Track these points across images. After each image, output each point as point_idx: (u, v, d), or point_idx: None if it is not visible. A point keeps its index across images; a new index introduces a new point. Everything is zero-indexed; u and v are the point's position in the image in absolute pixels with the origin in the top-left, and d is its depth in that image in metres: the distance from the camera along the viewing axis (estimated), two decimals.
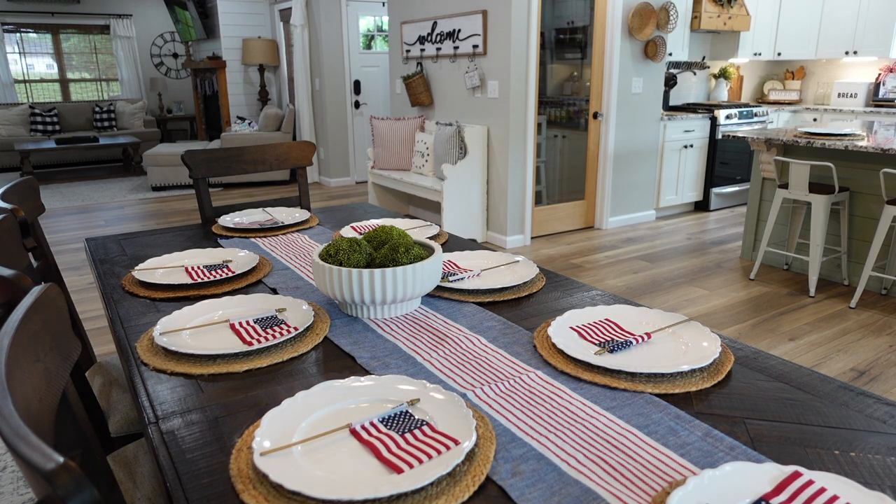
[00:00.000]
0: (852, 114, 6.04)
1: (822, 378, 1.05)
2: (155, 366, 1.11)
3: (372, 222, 2.07)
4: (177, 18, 9.53)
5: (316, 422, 0.92)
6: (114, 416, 1.50)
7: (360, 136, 7.59)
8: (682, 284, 4.02)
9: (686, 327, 1.21)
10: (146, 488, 1.21)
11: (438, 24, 5.12)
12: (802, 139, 3.73)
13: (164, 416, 0.96)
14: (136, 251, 1.86)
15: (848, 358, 3.00)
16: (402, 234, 1.42)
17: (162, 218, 5.88)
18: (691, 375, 1.05)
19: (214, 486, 0.79)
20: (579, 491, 0.77)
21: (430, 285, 1.33)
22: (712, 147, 5.87)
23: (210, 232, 2.09)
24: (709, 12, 5.63)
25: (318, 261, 1.31)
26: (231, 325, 1.25)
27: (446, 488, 0.77)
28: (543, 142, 5.13)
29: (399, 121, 5.37)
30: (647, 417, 0.93)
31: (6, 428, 0.60)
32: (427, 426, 0.89)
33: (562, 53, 5.16)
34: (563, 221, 5.31)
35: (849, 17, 5.97)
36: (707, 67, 6.53)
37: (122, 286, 1.53)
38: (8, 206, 1.52)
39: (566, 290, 1.49)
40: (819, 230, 3.65)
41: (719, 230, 5.36)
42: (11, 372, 0.71)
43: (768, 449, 0.86)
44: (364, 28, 7.43)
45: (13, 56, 9.33)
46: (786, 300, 3.73)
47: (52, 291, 0.95)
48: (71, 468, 0.55)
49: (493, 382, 1.04)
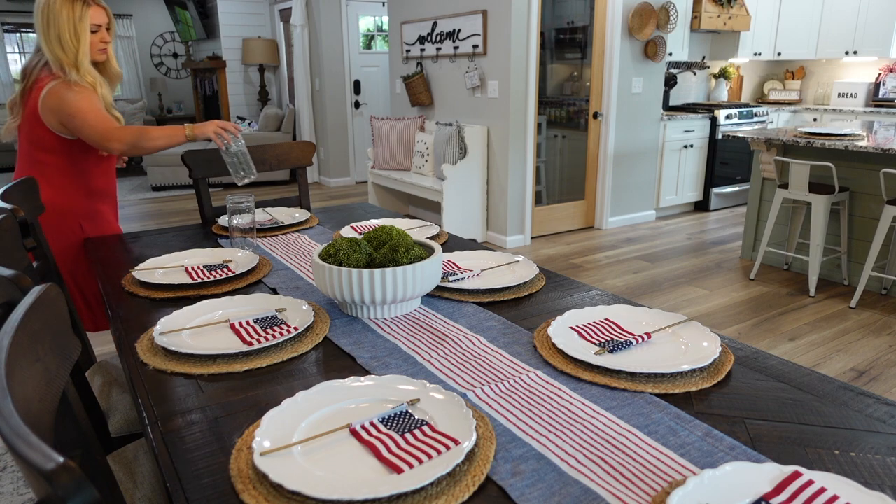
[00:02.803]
0: (852, 114, 6.04)
1: (822, 378, 1.05)
2: (155, 366, 1.11)
3: (372, 222, 2.07)
4: (177, 18, 9.53)
5: (316, 422, 0.92)
6: (114, 416, 1.50)
7: (360, 136, 7.58)
8: (682, 284, 4.02)
9: (686, 327, 1.21)
10: (146, 488, 1.21)
11: (438, 24, 5.12)
12: (802, 139, 3.73)
13: (164, 416, 0.96)
14: (136, 251, 1.86)
15: (848, 358, 3.00)
16: (402, 234, 1.42)
17: (162, 218, 5.88)
18: (691, 375, 1.05)
19: (214, 486, 0.79)
20: (579, 491, 0.77)
21: (430, 285, 1.33)
22: (712, 147, 5.87)
23: (210, 232, 2.09)
24: (709, 12, 5.63)
25: (318, 261, 1.31)
26: (231, 325, 1.25)
27: (446, 488, 0.77)
28: (543, 142, 5.13)
29: (399, 121, 5.37)
30: (647, 417, 0.93)
31: (6, 428, 0.60)
32: (427, 426, 0.89)
33: (562, 53, 5.16)
34: (563, 221, 5.31)
35: (849, 17, 5.97)
36: (707, 67, 6.53)
37: (122, 286, 1.53)
38: (8, 206, 1.52)
39: (566, 290, 1.49)
40: (819, 230, 3.65)
41: (719, 230, 5.36)
42: (11, 372, 0.71)
43: (768, 449, 0.86)
44: (364, 28, 7.43)
45: (13, 56, 9.33)
46: (786, 300, 3.73)
47: (52, 291, 0.95)
48: (71, 468, 0.55)
49: (493, 382, 1.04)
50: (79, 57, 1.95)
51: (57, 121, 1.96)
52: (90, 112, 1.94)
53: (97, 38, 2.02)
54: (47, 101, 1.94)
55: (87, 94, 1.96)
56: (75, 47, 1.94)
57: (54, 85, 1.94)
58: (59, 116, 1.95)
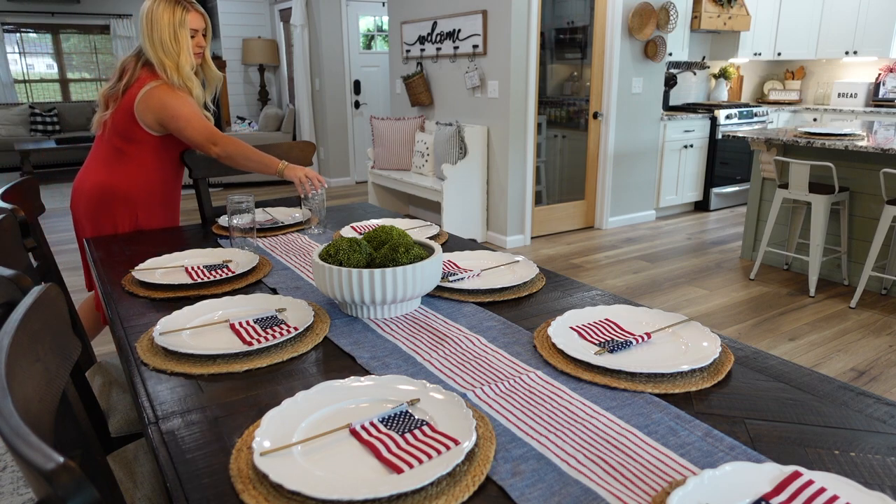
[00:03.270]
0: (852, 114, 6.04)
1: (822, 378, 1.05)
2: (155, 366, 1.11)
3: (372, 222, 2.07)
4: None
5: (316, 422, 0.92)
6: (114, 416, 1.50)
7: (360, 136, 7.58)
8: (682, 284, 4.02)
9: (686, 327, 1.21)
10: (146, 488, 1.21)
11: (438, 24, 5.12)
12: (802, 139, 3.73)
13: (164, 416, 0.96)
14: (136, 251, 1.86)
15: (848, 358, 3.00)
16: (402, 234, 1.42)
17: None
18: (691, 375, 1.05)
19: (214, 486, 0.79)
20: (579, 491, 0.77)
21: (430, 285, 1.33)
22: (712, 147, 5.87)
23: (210, 232, 2.09)
24: (709, 12, 5.63)
25: (318, 261, 1.31)
26: (231, 325, 1.25)
27: (446, 488, 0.77)
28: (543, 142, 5.13)
29: (399, 121, 5.37)
30: (647, 417, 0.93)
31: (6, 428, 0.60)
32: (427, 426, 0.89)
33: (562, 53, 5.16)
34: (563, 221, 5.31)
35: (849, 17, 5.97)
36: (707, 67, 6.53)
37: (122, 286, 1.53)
38: (8, 206, 1.52)
39: (566, 290, 1.49)
40: (819, 230, 3.65)
41: (719, 230, 5.36)
42: (11, 372, 0.71)
43: (768, 449, 0.86)
44: (364, 28, 7.43)
45: (13, 56, 9.32)
46: (786, 300, 3.73)
47: (52, 291, 0.95)
48: (71, 468, 0.55)
49: (493, 382, 1.04)
50: (180, 60, 2.07)
51: (154, 120, 2.08)
52: (193, 117, 2.08)
53: (194, 43, 2.12)
54: (147, 101, 2.06)
55: (186, 98, 2.09)
56: (176, 51, 2.06)
57: (154, 86, 2.06)
58: (158, 116, 2.07)
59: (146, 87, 2.06)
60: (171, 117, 2.06)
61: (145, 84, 2.07)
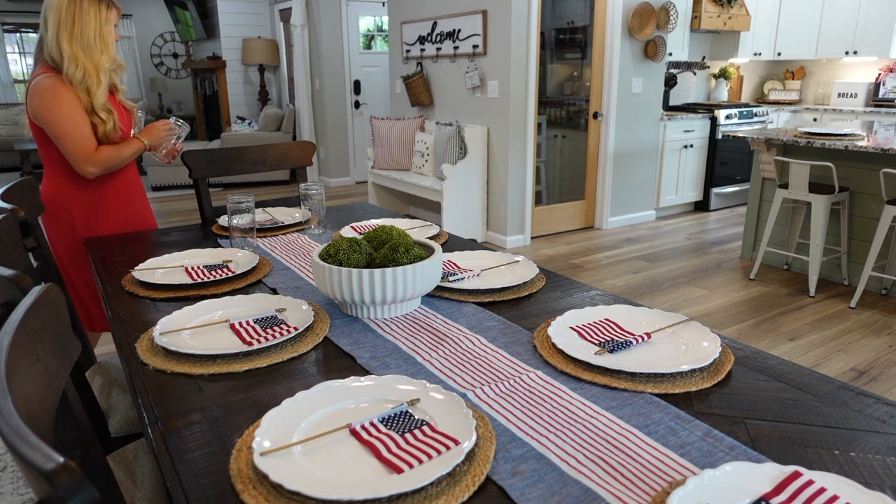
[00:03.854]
0: (852, 114, 6.04)
1: (822, 378, 1.05)
2: (155, 366, 1.11)
3: (372, 222, 2.07)
4: (177, 18, 9.52)
5: (316, 422, 0.92)
6: (114, 416, 1.50)
7: (360, 136, 7.58)
8: (682, 284, 4.02)
9: (686, 327, 1.21)
10: (146, 488, 1.21)
11: (438, 24, 5.12)
12: (802, 139, 3.73)
13: (164, 416, 0.96)
14: (136, 251, 1.86)
15: (848, 358, 3.00)
16: (402, 234, 1.42)
17: (162, 218, 5.88)
18: (691, 375, 1.05)
19: (214, 486, 0.79)
20: (579, 491, 0.77)
21: (430, 285, 1.33)
22: (712, 147, 5.87)
23: (210, 232, 2.09)
24: (709, 12, 5.63)
25: (318, 261, 1.31)
26: (231, 326, 1.25)
27: (446, 488, 0.77)
28: (543, 142, 5.13)
29: (399, 121, 5.37)
30: (647, 417, 0.93)
31: (6, 428, 0.60)
32: (427, 426, 0.89)
33: (562, 53, 5.16)
34: (563, 221, 5.31)
35: (849, 17, 5.96)
36: (707, 67, 6.53)
37: (122, 286, 1.53)
38: (8, 206, 1.52)
39: (566, 290, 1.49)
40: (819, 230, 3.65)
41: (719, 230, 5.36)
42: (11, 372, 0.71)
43: (768, 449, 0.86)
44: (364, 28, 7.43)
45: (13, 56, 9.33)
46: (786, 300, 3.73)
47: (52, 291, 0.95)
48: (71, 468, 0.55)
49: (493, 382, 1.04)
50: (102, 58, 1.95)
51: (35, 117, 1.94)
52: (74, 129, 1.92)
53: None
54: (31, 96, 1.91)
55: (75, 104, 1.92)
56: (101, 49, 1.94)
57: (42, 80, 1.89)
58: (36, 113, 1.91)
59: (35, 80, 1.90)
60: (52, 123, 1.89)
61: (36, 77, 1.91)
